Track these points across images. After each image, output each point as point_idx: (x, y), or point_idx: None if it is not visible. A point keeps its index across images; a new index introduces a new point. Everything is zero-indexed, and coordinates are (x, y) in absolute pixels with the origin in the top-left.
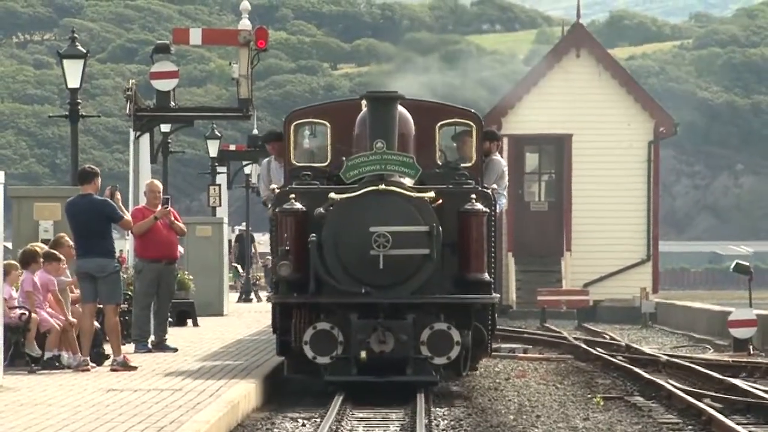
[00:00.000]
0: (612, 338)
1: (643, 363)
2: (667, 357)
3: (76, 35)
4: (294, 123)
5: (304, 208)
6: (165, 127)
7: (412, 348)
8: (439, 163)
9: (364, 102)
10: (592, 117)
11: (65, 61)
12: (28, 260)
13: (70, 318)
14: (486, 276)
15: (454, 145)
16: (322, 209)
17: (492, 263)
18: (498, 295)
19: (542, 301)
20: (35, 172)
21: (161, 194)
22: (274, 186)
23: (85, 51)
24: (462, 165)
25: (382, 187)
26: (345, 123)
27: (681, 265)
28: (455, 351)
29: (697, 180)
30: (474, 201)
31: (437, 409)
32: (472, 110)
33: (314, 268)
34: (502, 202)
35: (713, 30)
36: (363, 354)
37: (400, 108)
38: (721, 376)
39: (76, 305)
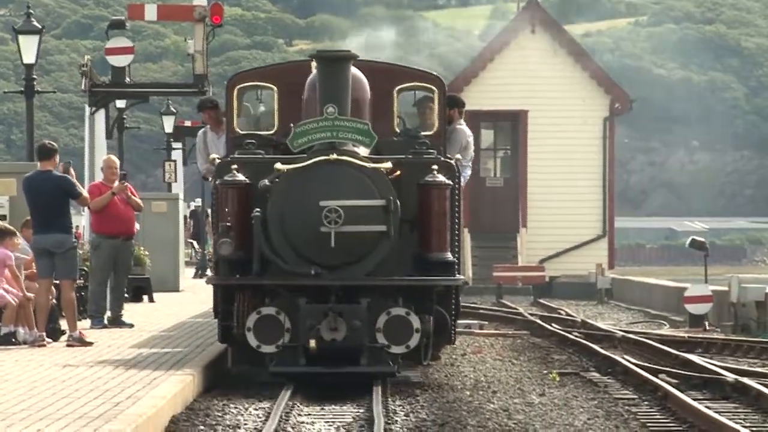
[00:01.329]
0: (568, 314)
1: (598, 339)
2: (622, 333)
3: (31, 11)
4: (237, 87)
5: (247, 180)
6: (120, 103)
7: (367, 336)
8: (398, 130)
9: (314, 63)
10: (547, 93)
11: (20, 37)
12: None
13: (27, 294)
14: (449, 255)
15: (415, 111)
16: (266, 181)
17: (456, 241)
18: (463, 277)
19: (498, 277)
20: None
21: (118, 170)
22: (214, 156)
23: (40, 27)
24: (423, 133)
25: (334, 156)
26: (294, 86)
27: (637, 241)
28: (415, 339)
29: (652, 156)
30: (436, 172)
31: (395, 398)
32: (434, 73)
33: (258, 247)
34: (467, 174)
35: (669, 6)
36: (312, 342)
37: (354, 70)
38: (676, 352)
39: (33, 281)
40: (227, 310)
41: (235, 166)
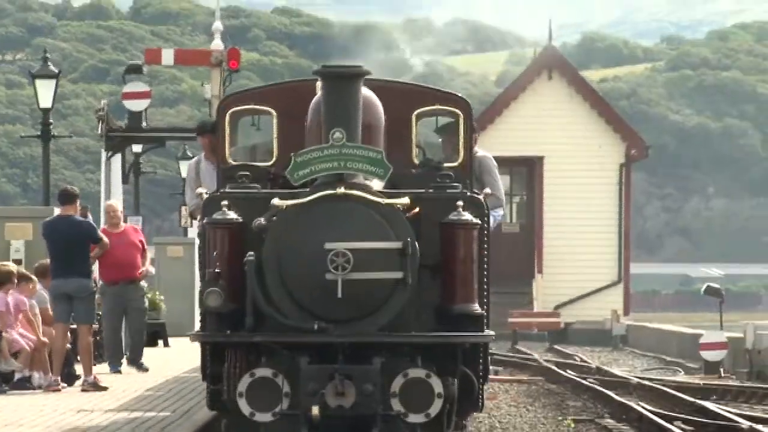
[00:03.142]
0: (583, 360)
1: (614, 385)
2: (638, 379)
3: (48, 55)
4: (230, 111)
5: (239, 219)
6: (137, 148)
7: (381, 402)
8: (416, 161)
9: (319, 83)
10: (563, 139)
11: (37, 81)
12: (3, 280)
13: (42, 338)
14: (476, 307)
15: (435, 140)
16: (262, 220)
17: (485, 291)
18: (493, 333)
19: (514, 323)
20: (6, 192)
21: (119, 215)
22: (201, 190)
23: (57, 71)
24: (446, 164)
25: (341, 190)
26: (296, 110)
27: (652, 287)
28: (436, 406)
29: (668, 202)
30: (461, 209)
31: None
32: (458, 94)
33: (252, 297)
34: (498, 214)
35: (685, 52)
36: (316, 410)
37: (366, 91)
38: (692, 399)
39: (48, 326)
40: (217, 372)
41: (225, 202)
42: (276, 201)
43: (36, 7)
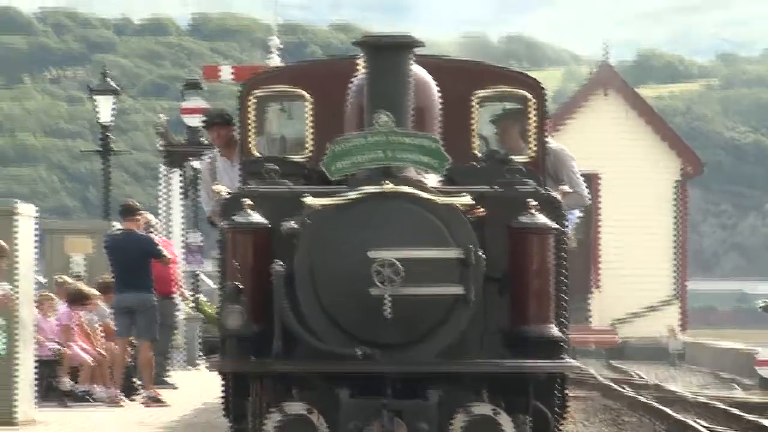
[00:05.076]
0: (639, 377)
1: (670, 402)
2: (694, 396)
3: (107, 71)
4: (256, 93)
5: (265, 222)
6: (196, 163)
7: None
8: (478, 153)
9: (361, 61)
10: (619, 156)
11: (97, 97)
12: (75, 299)
13: (103, 352)
14: (553, 329)
15: (496, 129)
16: (293, 222)
17: (564, 310)
18: (575, 362)
19: (570, 340)
20: (66, 206)
21: (154, 226)
22: (219, 187)
23: (116, 86)
24: (514, 156)
25: (388, 186)
26: (335, 93)
27: (709, 304)
28: None
29: (724, 219)
30: (535, 211)
31: None
32: (527, 74)
33: (281, 316)
34: (574, 216)
35: (740, 70)
36: None
37: (418, 68)
38: (748, 416)
39: (110, 340)
40: (240, 407)
41: (248, 202)
42: (309, 199)
43: (96, 23)
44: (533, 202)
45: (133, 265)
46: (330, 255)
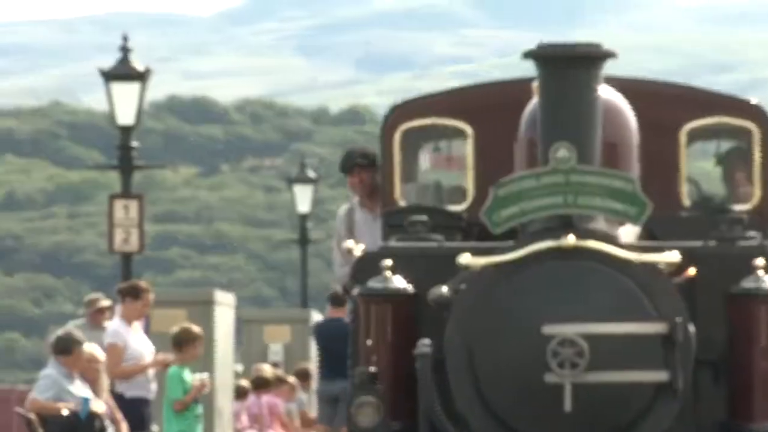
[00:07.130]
0: None
1: None
2: None
3: (305, 161)
4: (402, 128)
5: (409, 288)
6: None
7: None
8: (686, 201)
9: (535, 84)
10: None
11: (295, 186)
12: (259, 385)
13: None
14: None
15: (718, 168)
16: (444, 289)
17: None
18: None
19: None
20: (265, 295)
21: None
22: (351, 245)
23: (314, 176)
24: (735, 207)
25: (570, 242)
26: (504, 126)
27: None
28: None
29: None
30: (763, 273)
31: None
32: (751, 100)
33: (428, 410)
34: None
35: None
36: None
37: (610, 91)
38: None
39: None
40: None
41: (388, 263)
42: (465, 258)
43: (293, 113)
44: (761, 262)
45: (340, 353)
46: (492, 330)
